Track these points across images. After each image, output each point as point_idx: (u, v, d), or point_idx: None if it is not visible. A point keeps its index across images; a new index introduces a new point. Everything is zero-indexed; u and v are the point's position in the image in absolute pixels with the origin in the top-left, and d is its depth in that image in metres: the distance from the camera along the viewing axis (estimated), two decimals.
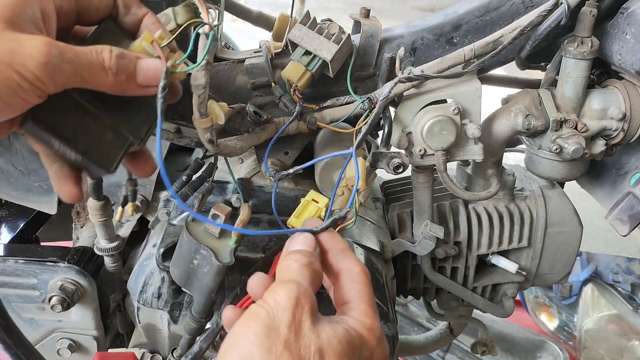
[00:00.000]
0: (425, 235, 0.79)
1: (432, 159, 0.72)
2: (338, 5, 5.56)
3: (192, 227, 0.65)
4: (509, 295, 0.92)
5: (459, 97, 0.71)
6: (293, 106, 0.70)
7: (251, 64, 0.76)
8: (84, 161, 0.51)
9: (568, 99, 0.75)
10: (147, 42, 0.51)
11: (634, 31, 0.68)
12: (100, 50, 0.48)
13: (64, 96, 0.48)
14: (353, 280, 0.50)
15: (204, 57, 0.54)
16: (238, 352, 0.42)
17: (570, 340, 1.93)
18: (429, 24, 0.77)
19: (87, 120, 0.51)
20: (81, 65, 0.46)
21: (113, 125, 0.52)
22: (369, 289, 0.50)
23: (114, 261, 0.87)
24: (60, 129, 0.49)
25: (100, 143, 0.52)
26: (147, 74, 0.50)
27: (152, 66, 0.50)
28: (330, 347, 0.43)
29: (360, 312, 0.48)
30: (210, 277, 0.62)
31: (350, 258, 0.52)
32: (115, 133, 0.53)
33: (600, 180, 0.91)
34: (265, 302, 0.45)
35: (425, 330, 1.75)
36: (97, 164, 0.52)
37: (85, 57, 0.46)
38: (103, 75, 0.47)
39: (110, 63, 0.47)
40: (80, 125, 0.50)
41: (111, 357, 0.49)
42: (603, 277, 1.93)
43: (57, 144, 0.50)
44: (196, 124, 0.59)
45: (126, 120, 0.53)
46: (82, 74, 0.46)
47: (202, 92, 0.56)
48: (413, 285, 0.93)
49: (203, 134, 0.60)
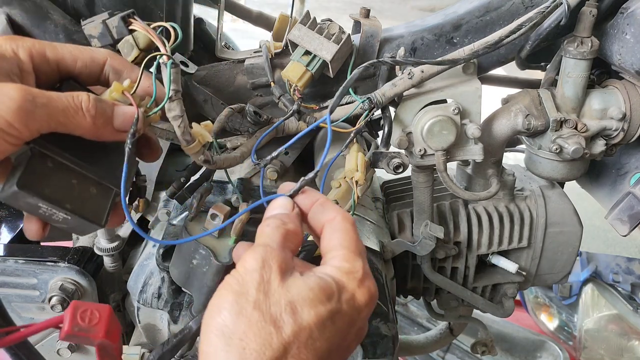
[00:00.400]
0: (425, 235, 0.79)
1: (432, 159, 0.72)
2: (338, 5, 5.56)
3: (191, 226, 0.65)
4: (509, 295, 0.92)
5: (459, 97, 0.71)
6: (292, 106, 0.70)
7: (251, 64, 0.76)
8: (73, 219, 0.51)
9: (568, 99, 0.75)
10: (117, 92, 0.52)
11: (634, 31, 0.68)
12: (77, 95, 0.48)
13: (43, 158, 0.49)
14: (334, 230, 0.49)
15: (169, 89, 0.53)
16: (214, 322, 0.42)
17: (570, 340, 1.93)
18: (429, 24, 0.77)
19: (70, 178, 0.51)
20: (56, 110, 0.46)
21: (96, 178, 0.53)
22: (350, 235, 0.49)
23: (114, 261, 0.87)
24: (47, 191, 0.49)
25: (86, 199, 0.52)
26: (124, 119, 0.51)
27: (129, 112, 0.51)
28: (300, 297, 0.43)
29: (338, 258, 0.47)
30: (210, 276, 0.62)
31: (330, 209, 0.51)
32: (99, 186, 0.53)
33: (600, 180, 0.91)
34: (236, 270, 0.45)
35: (425, 330, 1.75)
36: (88, 220, 0.52)
37: (60, 101, 0.47)
38: (81, 118, 0.48)
39: (89, 105, 0.48)
40: (65, 185, 0.50)
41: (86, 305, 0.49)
42: (603, 277, 1.93)
43: (45, 208, 0.49)
44: (186, 151, 0.59)
45: (108, 172, 0.53)
46: (58, 118, 0.47)
47: (180, 122, 0.56)
48: (413, 285, 0.93)
49: (196, 158, 0.60)
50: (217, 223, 0.64)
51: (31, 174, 0.48)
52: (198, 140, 0.58)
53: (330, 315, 0.43)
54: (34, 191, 0.48)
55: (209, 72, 0.78)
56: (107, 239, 0.83)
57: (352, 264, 0.47)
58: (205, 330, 0.43)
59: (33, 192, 0.48)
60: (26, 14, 0.65)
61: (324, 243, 0.50)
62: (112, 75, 0.55)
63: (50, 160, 0.50)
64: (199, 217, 0.67)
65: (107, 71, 0.55)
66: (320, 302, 0.43)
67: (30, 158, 0.48)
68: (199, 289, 0.64)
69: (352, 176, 0.65)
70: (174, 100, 0.55)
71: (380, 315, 0.71)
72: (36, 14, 0.66)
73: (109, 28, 0.61)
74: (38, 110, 0.45)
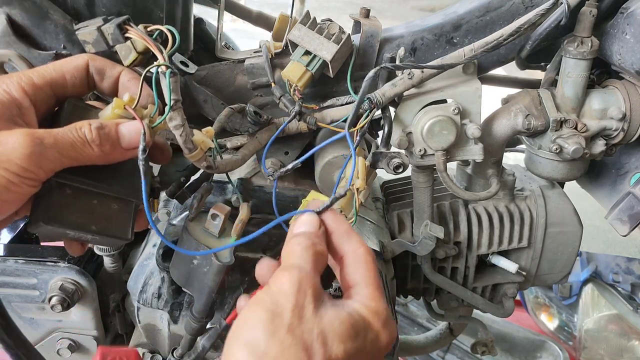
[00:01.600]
0: (425, 235, 0.79)
1: (432, 159, 0.72)
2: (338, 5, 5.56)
3: (191, 227, 0.65)
4: (509, 295, 0.92)
5: (459, 97, 0.71)
6: (293, 106, 0.70)
7: (251, 64, 0.76)
8: (101, 239, 0.53)
9: (568, 99, 0.75)
10: (119, 108, 0.53)
11: (634, 31, 0.68)
12: (80, 127, 0.49)
13: (61, 188, 0.50)
14: (357, 262, 0.50)
15: (170, 99, 0.53)
16: (244, 337, 0.43)
17: (570, 340, 1.93)
18: (429, 24, 0.77)
19: (91, 199, 0.53)
20: (64, 147, 0.48)
21: (115, 195, 0.54)
22: (374, 271, 0.50)
23: (114, 261, 0.87)
24: (71, 219, 0.51)
25: (110, 216, 0.54)
26: (130, 137, 0.52)
27: (134, 128, 0.52)
28: (332, 330, 0.43)
29: (365, 296, 0.48)
30: (210, 276, 0.62)
31: (355, 239, 0.52)
32: (119, 201, 0.55)
33: (600, 180, 0.91)
34: (269, 288, 0.45)
35: (425, 330, 1.75)
36: (115, 237, 0.54)
37: (66, 137, 0.48)
38: (88, 149, 0.49)
39: (93, 136, 0.49)
40: (86, 208, 0.52)
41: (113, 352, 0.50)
42: (603, 277, 1.93)
43: (72, 234, 0.51)
44: (189, 159, 0.59)
45: (125, 186, 0.55)
46: (68, 154, 0.48)
47: (182, 131, 0.56)
48: (413, 285, 0.93)
49: (199, 164, 0.60)
50: (217, 223, 0.64)
51: (53, 206, 0.50)
52: (200, 147, 0.59)
53: (355, 352, 0.44)
54: (59, 222, 0.50)
55: (209, 72, 0.78)
56: None
57: (378, 305, 0.47)
58: (232, 342, 0.43)
59: (58, 224, 0.50)
60: (26, 14, 0.65)
61: (347, 275, 0.50)
62: (96, 77, 0.56)
63: (68, 188, 0.51)
64: (199, 217, 0.67)
65: (91, 73, 0.56)
66: (350, 337, 0.44)
67: (49, 191, 0.50)
68: (200, 289, 0.64)
69: (353, 183, 0.65)
70: (174, 110, 0.55)
71: None
72: (36, 14, 0.66)
73: (104, 35, 0.60)
74: (48, 152, 0.47)
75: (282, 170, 0.66)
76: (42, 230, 0.50)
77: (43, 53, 0.67)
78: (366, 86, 0.65)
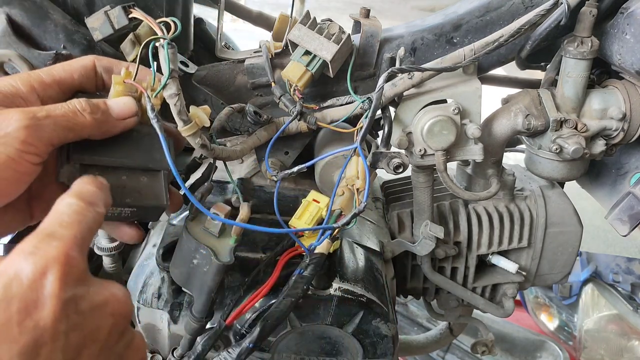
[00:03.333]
0: (425, 235, 0.79)
1: (432, 159, 0.72)
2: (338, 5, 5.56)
3: (191, 226, 0.65)
4: (509, 295, 0.92)
5: (459, 97, 0.71)
6: (293, 106, 0.70)
7: (251, 64, 0.76)
8: (139, 210, 0.55)
9: (568, 99, 0.75)
10: (119, 84, 0.55)
11: (634, 31, 0.68)
12: (70, 101, 0.51)
13: (87, 169, 0.52)
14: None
15: (168, 68, 0.56)
16: None
17: (570, 340, 1.93)
18: (429, 24, 0.77)
19: (119, 176, 0.55)
20: (57, 117, 0.49)
21: (141, 168, 0.56)
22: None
23: (113, 262, 0.87)
24: None
25: (141, 188, 0.56)
26: (119, 108, 0.54)
27: (122, 100, 0.55)
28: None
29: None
30: (210, 276, 0.62)
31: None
32: (147, 174, 0.57)
33: (600, 180, 0.91)
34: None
35: (425, 330, 1.75)
36: (151, 205, 0.56)
37: (57, 109, 0.50)
38: (80, 118, 0.51)
39: (83, 105, 0.51)
40: (117, 185, 0.54)
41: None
42: (603, 277, 1.93)
43: (111, 211, 0.53)
44: (183, 132, 0.59)
45: (148, 158, 0.57)
46: (62, 124, 0.49)
47: (177, 101, 0.57)
48: (413, 285, 0.93)
49: (193, 140, 0.60)
50: (217, 223, 0.64)
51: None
52: (195, 121, 0.59)
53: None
54: None
55: (209, 72, 0.78)
56: (108, 238, 0.83)
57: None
58: None
59: None
60: (26, 14, 0.65)
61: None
62: (105, 75, 0.57)
63: (94, 168, 0.53)
64: (199, 217, 0.67)
65: (100, 72, 0.57)
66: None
67: (76, 175, 0.51)
68: (200, 288, 0.64)
69: (353, 184, 0.65)
70: (170, 78, 0.57)
71: (380, 315, 0.71)
72: (36, 14, 0.66)
73: (110, 18, 0.62)
74: (43, 122, 0.48)
75: (286, 172, 0.66)
76: None
77: (43, 53, 0.67)
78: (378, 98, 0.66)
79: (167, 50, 0.56)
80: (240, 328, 0.71)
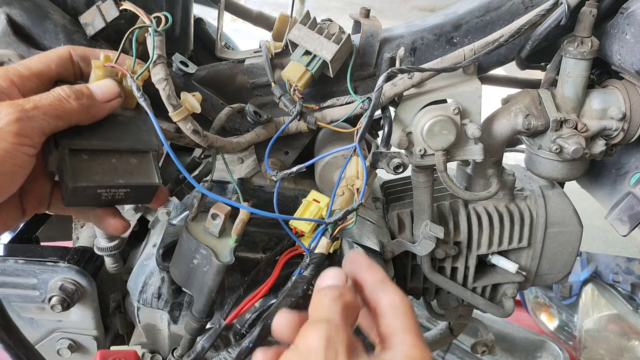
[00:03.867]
0: (425, 235, 0.79)
1: (432, 159, 0.72)
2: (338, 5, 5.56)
3: (191, 226, 0.65)
4: (509, 295, 0.92)
5: (459, 97, 0.71)
6: (293, 106, 0.70)
7: (251, 64, 0.76)
8: (132, 191, 0.56)
9: (568, 99, 0.75)
10: (99, 69, 0.56)
11: (634, 31, 0.68)
12: (53, 89, 0.52)
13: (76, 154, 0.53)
14: (395, 311, 0.46)
15: (153, 53, 0.57)
16: None
17: (570, 340, 1.93)
18: (429, 24, 0.77)
19: (109, 159, 0.56)
20: (44, 107, 0.50)
21: (130, 150, 0.57)
22: (413, 320, 0.46)
23: (115, 261, 0.87)
24: (96, 178, 0.53)
25: (132, 169, 0.56)
26: (103, 90, 0.55)
27: (103, 82, 0.56)
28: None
29: (406, 345, 0.44)
30: (210, 276, 0.62)
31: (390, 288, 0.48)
32: (136, 155, 0.57)
33: (600, 180, 0.91)
34: (296, 347, 0.42)
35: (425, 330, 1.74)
36: (144, 185, 0.56)
37: (43, 99, 0.50)
38: (67, 105, 0.52)
39: (67, 92, 0.52)
40: (108, 167, 0.55)
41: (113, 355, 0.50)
42: (603, 277, 1.93)
43: (105, 193, 0.54)
44: (173, 118, 0.60)
45: (135, 140, 0.58)
46: (50, 112, 0.50)
47: (165, 85, 0.58)
48: (413, 285, 0.93)
49: (184, 126, 0.61)
50: (217, 223, 0.64)
51: (75, 170, 0.52)
52: (185, 106, 0.60)
53: None
54: (86, 181, 0.52)
55: (209, 72, 0.78)
56: (106, 237, 0.83)
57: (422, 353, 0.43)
58: None
59: (87, 182, 0.52)
60: (26, 14, 0.65)
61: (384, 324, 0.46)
62: (82, 64, 0.58)
63: (83, 152, 0.54)
64: (200, 217, 0.67)
65: (76, 61, 0.58)
66: None
67: (65, 160, 0.52)
68: (200, 288, 0.64)
69: (353, 184, 0.65)
70: (157, 64, 0.58)
71: None
72: (36, 14, 0.66)
73: (102, 12, 0.64)
74: (33, 113, 0.49)
75: (285, 172, 0.66)
76: (75, 194, 0.52)
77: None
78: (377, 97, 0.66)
79: (152, 37, 0.58)
80: (240, 328, 0.71)
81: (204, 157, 0.81)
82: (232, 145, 0.68)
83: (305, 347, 0.41)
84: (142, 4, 0.68)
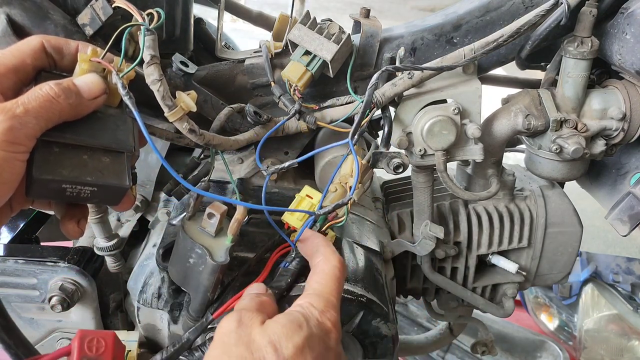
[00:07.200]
0: (425, 235, 0.79)
1: (432, 159, 0.72)
2: (338, 5, 5.56)
3: (188, 226, 0.65)
4: (509, 295, 0.92)
5: (459, 97, 0.71)
6: (293, 105, 0.70)
7: (251, 64, 0.76)
8: (99, 191, 0.54)
9: (568, 99, 0.75)
10: (85, 63, 0.55)
11: (634, 31, 0.68)
12: (40, 88, 0.51)
13: (47, 146, 0.52)
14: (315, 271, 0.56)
15: (142, 52, 0.57)
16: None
17: (570, 340, 1.93)
18: (429, 24, 0.77)
19: (80, 154, 0.54)
20: (35, 110, 0.49)
21: (103, 148, 0.56)
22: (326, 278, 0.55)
23: (116, 260, 0.86)
24: (63, 172, 0.52)
25: (103, 168, 0.55)
26: (89, 88, 0.54)
27: (89, 79, 0.55)
28: (277, 334, 0.47)
29: (305, 296, 0.53)
30: (206, 275, 0.62)
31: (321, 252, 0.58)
32: (109, 154, 0.56)
33: (600, 180, 0.91)
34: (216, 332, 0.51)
35: (425, 330, 1.75)
36: (112, 185, 0.55)
37: (34, 102, 0.50)
38: (57, 105, 0.51)
39: (57, 90, 0.51)
40: (78, 163, 0.53)
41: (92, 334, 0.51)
42: (603, 277, 1.93)
43: (70, 188, 0.53)
44: (169, 118, 0.59)
45: (111, 138, 0.56)
46: (41, 115, 0.50)
47: (159, 86, 0.57)
48: (413, 285, 0.93)
49: (180, 125, 0.60)
50: (213, 222, 0.64)
51: (43, 162, 0.51)
52: (180, 106, 0.59)
53: (306, 341, 0.48)
54: (52, 174, 0.51)
55: (209, 72, 0.78)
56: (105, 237, 0.83)
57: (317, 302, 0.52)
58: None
59: (52, 175, 0.51)
60: (26, 14, 0.65)
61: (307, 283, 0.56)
62: (56, 56, 0.57)
63: (54, 145, 0.53)
64: (197, 216, 0.67)
65: (49, 53, 0.57)
66: (294, 332, 0.48)
67: (36, 149, 0.51)
68: (196, 288, 0.64)
69: (347, 181, 0.65)
70: (150, 65, 0.57)
71: (380, 315, 0.71)
72: (36, 14, 0.66)
73: (96, 11, 0.64)
74: (25, 120, 0.48)
75: (276, 167, 0.66)
76: (38, 186, 0.51)
77: None
78: (370, 94, 0.65)
79: (144, 36, 0.57)
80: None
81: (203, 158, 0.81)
82: (229, 143, 0.68)
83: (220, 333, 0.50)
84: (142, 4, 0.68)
